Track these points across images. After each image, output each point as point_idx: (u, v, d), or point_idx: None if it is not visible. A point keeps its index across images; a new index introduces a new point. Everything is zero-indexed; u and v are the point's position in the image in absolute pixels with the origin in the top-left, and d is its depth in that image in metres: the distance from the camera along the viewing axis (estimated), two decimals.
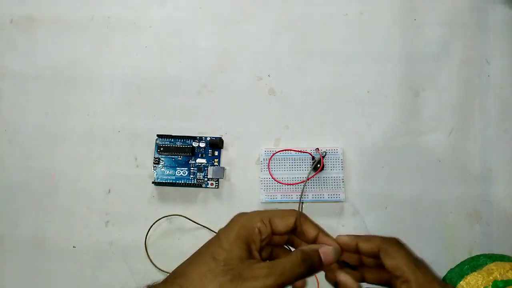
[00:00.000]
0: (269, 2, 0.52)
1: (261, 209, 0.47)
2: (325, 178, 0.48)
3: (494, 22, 0.50)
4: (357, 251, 0.34)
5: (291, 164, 0.48)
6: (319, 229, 0.34)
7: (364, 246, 0.33)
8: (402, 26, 0.50)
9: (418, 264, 0.32)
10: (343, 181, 0.47)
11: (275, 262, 0.30)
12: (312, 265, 0.31)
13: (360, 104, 0.49)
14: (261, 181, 0.48)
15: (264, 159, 0.48)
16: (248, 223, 0.32)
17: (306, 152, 0.48)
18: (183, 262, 0.31)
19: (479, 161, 0.48)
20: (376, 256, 0.33)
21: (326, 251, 0.32)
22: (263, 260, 0.33)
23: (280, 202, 0.48)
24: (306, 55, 0.50)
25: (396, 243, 0.33)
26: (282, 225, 0.33)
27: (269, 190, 0.48)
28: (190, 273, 0.29)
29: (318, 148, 0.47)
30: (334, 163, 0.48)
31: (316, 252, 0.31)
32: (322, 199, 0.47)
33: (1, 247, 0.49)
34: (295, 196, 0.47)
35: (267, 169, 0.48)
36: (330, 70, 0.50)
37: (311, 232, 0.33)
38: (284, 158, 0.48)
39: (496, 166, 0.48)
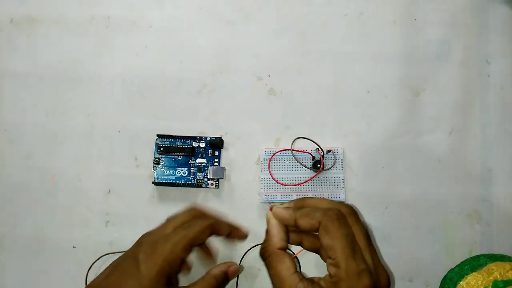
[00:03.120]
0: (269, 2, 0.52)
1: (260, 208, 0.48)
2: (325, 178, 0.48)
3: (494, 22, 0.50)
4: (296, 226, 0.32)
5: (291, 164, 0.48)
6: (231, 226, 0.38)
7: (303, 223, 0.31)
8: (402, 26, 0.51)
9: (355, 249, 0.30)
10: (343, 181, 0.47)
11: None
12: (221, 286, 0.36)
13: (360, 104, 0.49)
14: (261, 181, 0.48)
15: (264, 159, 0.48)
16: (173, 256, 0.32)
17: (306, 152, 0.48)
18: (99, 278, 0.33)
19: (479, 161, 0.48)
20: (316, 231, 0.31)
21: (233, 270, 0.37)
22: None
23: (281, 202, 0.48)
24: (306, 55, 0.51)
25: (337, 219, 0.30)
26: (203, 238, 0.35)
27: (269, 190, 0.48)
28: None
29: (318, 148, 0.47)
30: (334, 163, 0.48)
31: (226, 273, 0.36)
32: None
33: (1, 247, 0.49)
34: (295, 196, 0.47)
35: (267, 169, 0.48)
36: (330, 70, 0.50)
37: (225, 231, 0.37)
38: (284, 158, 0.48)
39: (496, 166, 0.48)
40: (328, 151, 0.48)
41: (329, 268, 0.30)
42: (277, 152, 0.48)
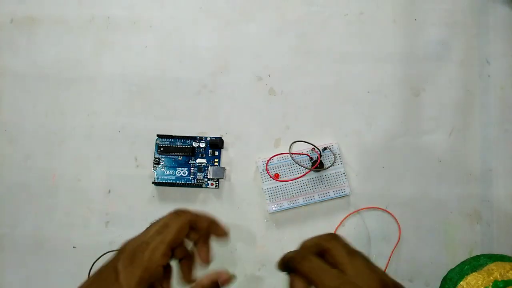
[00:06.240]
0: (269, 2, 0.52)
1: (267, 217, 0.48)
2: (327, 176, 0.48)
3: (494, 22, 0.50)
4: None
5: (291, 169, 0.48)
6: (211, 220, 0.36)
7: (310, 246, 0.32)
8: (402, 26, 0.51)
9: (354, 253, 0.30)
10: (345, 175, 0.47)
11: None
12: None
13: (360, 104, 0.49)
14: (265, 192, 0.48)
15: (263, 170, 0.48)
16: (152, 265, 0.32)
17: (303, 154, 0.48)
18: None
19: (479, 161, 0.48)
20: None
21: (225, 280, 0.34)
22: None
23: (288, 209, 0.48)
24: (306, 55, 0.51)
25: (332, 238, 0.32)
26: (181, 237, 0.34)
27: (275, 199, 0.47)
28: None
29: (314, 148, 0.47)
30: (332, 159, 0.48)
31: (216, 284, 0.34)
32: (328, 197, 0.47)
33: (1, 247, 0.49)
34: (302, 200, 0.47)
35: (268, 178, 0.48)
36: (330, 70, 0.50)
37: (204, 224, 0.35)
38: (282, 164, 0.48)
39: (496, 166, 0.48)
40: (325, 149, 0.48)
41: None
42: (274, 156, 0.48)
